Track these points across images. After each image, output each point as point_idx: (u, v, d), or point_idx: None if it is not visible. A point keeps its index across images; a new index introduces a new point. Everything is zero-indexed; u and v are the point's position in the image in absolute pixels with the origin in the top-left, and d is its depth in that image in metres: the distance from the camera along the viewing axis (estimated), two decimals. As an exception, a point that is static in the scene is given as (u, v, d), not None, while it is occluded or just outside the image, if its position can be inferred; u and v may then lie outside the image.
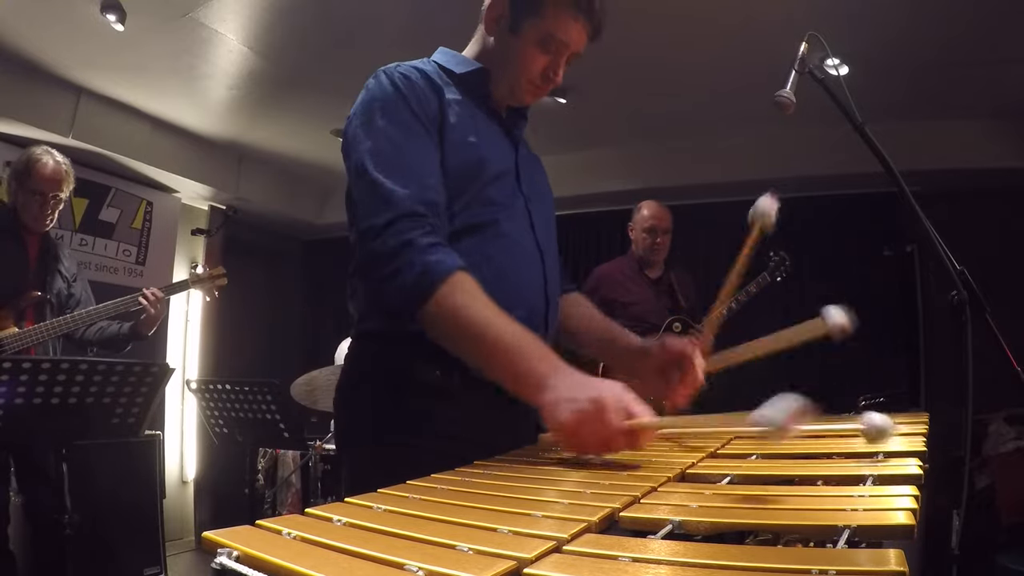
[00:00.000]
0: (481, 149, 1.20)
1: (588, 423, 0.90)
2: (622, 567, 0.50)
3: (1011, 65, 3.18)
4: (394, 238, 1.01)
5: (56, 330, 2.51)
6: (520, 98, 1.28)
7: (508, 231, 1.20)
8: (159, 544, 3.27)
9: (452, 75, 1.25)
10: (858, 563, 0.47)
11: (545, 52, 1.21)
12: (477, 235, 1.16)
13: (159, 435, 3.47)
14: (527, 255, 1.24)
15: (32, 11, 2.90)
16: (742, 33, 2.98)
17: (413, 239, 1.01)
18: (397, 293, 1.01)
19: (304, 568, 0.50)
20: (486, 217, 1.17)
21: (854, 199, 4.23)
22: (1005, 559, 2.81)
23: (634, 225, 3.27)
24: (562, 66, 1.25)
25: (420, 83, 1.17)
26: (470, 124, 1.20)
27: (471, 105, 1.23)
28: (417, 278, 0.99)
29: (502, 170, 1.23)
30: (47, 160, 2.56)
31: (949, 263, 1.37)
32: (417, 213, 1.03)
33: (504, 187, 1.23)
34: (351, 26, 3.03)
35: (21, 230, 2.59)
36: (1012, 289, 2.78)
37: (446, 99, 1.19)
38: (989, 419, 3.43)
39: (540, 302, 1.24)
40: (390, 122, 1.11)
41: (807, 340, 1.24)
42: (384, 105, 1.13)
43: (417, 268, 0.99)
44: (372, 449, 1.14)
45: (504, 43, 1.23)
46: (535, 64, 1.22)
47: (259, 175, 4.86)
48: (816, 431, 1.03)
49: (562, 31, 1.20)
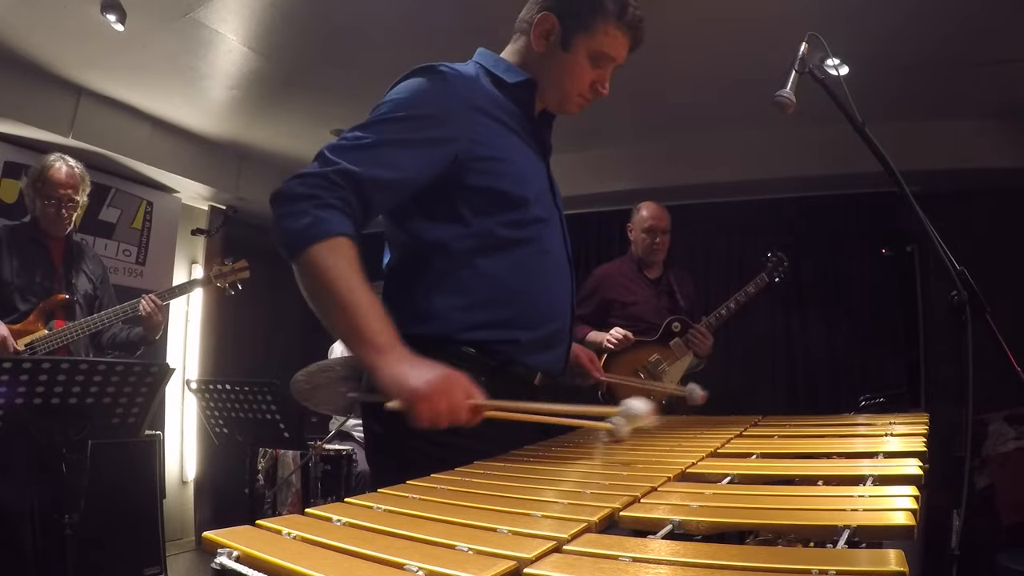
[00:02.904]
0: (523, 170, 1.27)
1: (440, 393, 0.99)
2: (622, 567, 0.50)
3: (1011, 65, 3.17)
4: (304, 187, 1.09)
5: (76, 332, 2.57)
6: (568, 109, 1.36)
7: (550, 247, 1.30)
8: (159, 544, 3.26)
9: (502, 84, 1.30)
10: (858, 563, 0.47)
11: (595, 67, 1.29)
12: (528, 249, 1.24)
13: (159, 435, 3.46)
14: (563, 269, 1.34)
15: (32, 11, 2.90)
16: (742, 33, 2.98)
17: (318, 195, 1.08)
18: (283, 232, 1.09)
19: (304, 568, 0.50)
20: (532, 233, 1.25)
21: (854, 199, 4.23)
22: (1005, 559, 2.81)
23: (633, 226, 3.27)
24: (608, 78, 1.32)
25: (457, 88, 1.21)
26: (509, 141, 1.26)
27: (512, 118, 1.28)
28: (304, 227, 1.07)
29: (541, 187, 1.31)
30: (60, 165, 2.64)
31: (949, 263, 1.37)
32: (335, 183, 1.09)
33: (545, 204, 1.31)
34: (351, 26, 3.03)
35: (43, 236, 2.67)
36: (1012, 289, 2.78)
37: (485, 112, 1.23)
38: (989, 419, 3.43)
39: (569, 312, 1.35)
40: (391, 127, 1.16)
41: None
42: (409, 112, 1.17)
43: (307, 219, 1.07)
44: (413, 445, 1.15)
45: (553, 57, 1.29)
46: (585, 78, 1.30)
47: (259, 175, 4.85)
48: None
49: (611, 47, 1.28)
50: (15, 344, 2.43)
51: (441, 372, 1.01)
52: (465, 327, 1.19)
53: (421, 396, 0.99)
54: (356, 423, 3.70)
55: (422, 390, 0.99)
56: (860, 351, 4.20)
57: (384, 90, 1.24)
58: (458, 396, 1.01)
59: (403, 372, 1.01)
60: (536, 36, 1.30)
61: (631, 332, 2.97)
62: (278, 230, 1.10)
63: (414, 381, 0.99)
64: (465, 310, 1.19)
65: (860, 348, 4.20)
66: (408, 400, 0.99)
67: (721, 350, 3.39)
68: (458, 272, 1.21)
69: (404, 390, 1.00)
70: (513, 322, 1.23)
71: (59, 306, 2.62)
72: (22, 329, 2.50)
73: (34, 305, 2.56)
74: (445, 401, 0.99)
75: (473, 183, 1.20)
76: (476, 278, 1.21)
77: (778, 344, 4.36)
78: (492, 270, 1.22)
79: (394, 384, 1.01)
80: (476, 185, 1.20)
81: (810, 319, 4.35)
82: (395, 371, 1.02)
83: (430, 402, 0.99)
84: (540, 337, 1.27)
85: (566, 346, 1.36)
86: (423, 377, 1.00)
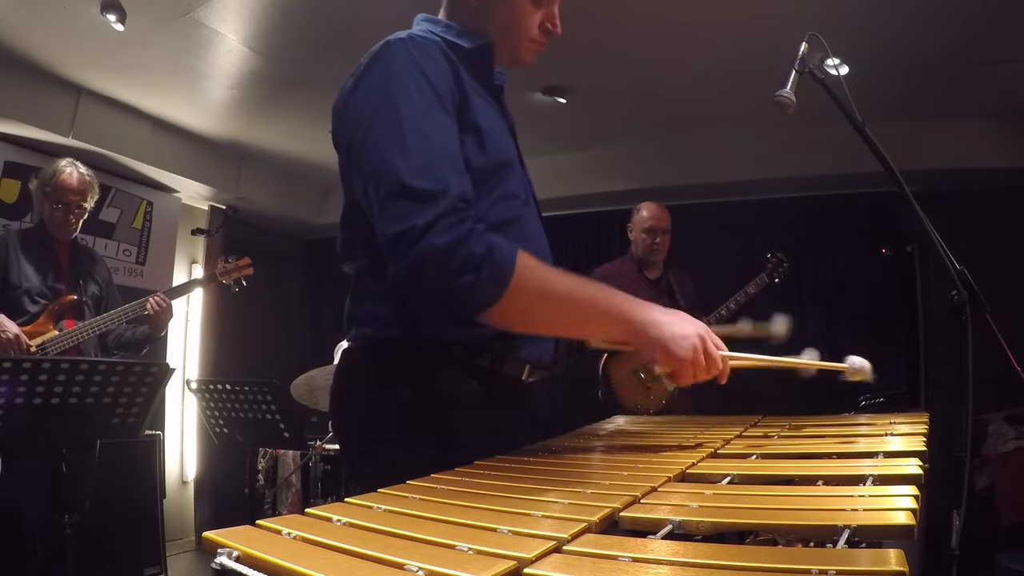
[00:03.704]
0: (500, 140, 1.14)
1: (699, 355, 1.01)
2: (622, 567, 0.50)
3: (1011, 65, 3.17)
4: (446, 235, 0.92)
5: (86, 332, 2.61)
6: (521, 58, 1.23)
7: (531, 225, 1.19)
8: (159, 544, 3.26)
9: (459, 49, 1.15)
10: (858, 563, 0.47)
11: (538, 5, 1.17)
12: (510, 230, 1.10)
13: (159, 435, 3.46)
14: (544, 247, 1.22)
15: (32, 11, 2.89)
16: (742, 33, 2.98)
17: (467, 234, 0.93)
18: (470, 290, 0.92)
19: (304, 568, 0.50)
20: (513, 212, 1.14)
21: (854, 199, 4.23)
22: (1005, 559, 2.81)
23: (633, 226, 3.27)
24: (556, 15, 1.20)
25: (439, 57, 1.08)
26: (485, 112, 1.14)
27: (479, 86, 1.17)
28: (491, 269, 0.93)
29: (514, 158, 1.20)
30: (72, 171, 2.69)
31: (949, 263, 1.37)
32: (459, 209, 0.94)
33: (518, 177, 1.19)
34: (351, 26, 3.03)
35: (50, 240, 2.72)
36: (1012, 289, 2.78)
37: (460, 81, 1.10)
38: (989, 419, 3.42)
39: None
40: (416, 110, 1.00)
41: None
42: (405, 87, 1.02)
43: (483, 259, 0.92)
44: (394, 452, 1.09)
45: (490, 6, 1.17)
46: (531, 20, 1.18)
47: (259, 175, 4.86)
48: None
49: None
50: (28, 342, 2.46)
51: (698, 333, 1.03)
52: (451, 325, 1.06)
53: (688, 365, 1.01)
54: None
55: (688, 358, 1.00)
56: (860, 351, 4.19)
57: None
58: (713, 351, 1.03)
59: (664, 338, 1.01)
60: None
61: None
62: (461, 294, 0.93)
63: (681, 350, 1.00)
64: None
65: (860, 348, 4.19)
66: (675, 366, 1.01)
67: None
68: None
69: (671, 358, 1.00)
70: None
71: (68, 307, 2.66)
72: (33, 330, 2.53)
73: (43, 307, 2.59)
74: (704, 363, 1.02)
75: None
76: None
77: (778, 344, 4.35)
78: None
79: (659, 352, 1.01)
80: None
81: (810, 319, 4.35)
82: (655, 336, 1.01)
83: (695, 367, 1.01)
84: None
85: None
86: (686, 343, 1.00)
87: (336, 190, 5.31)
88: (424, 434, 1.08)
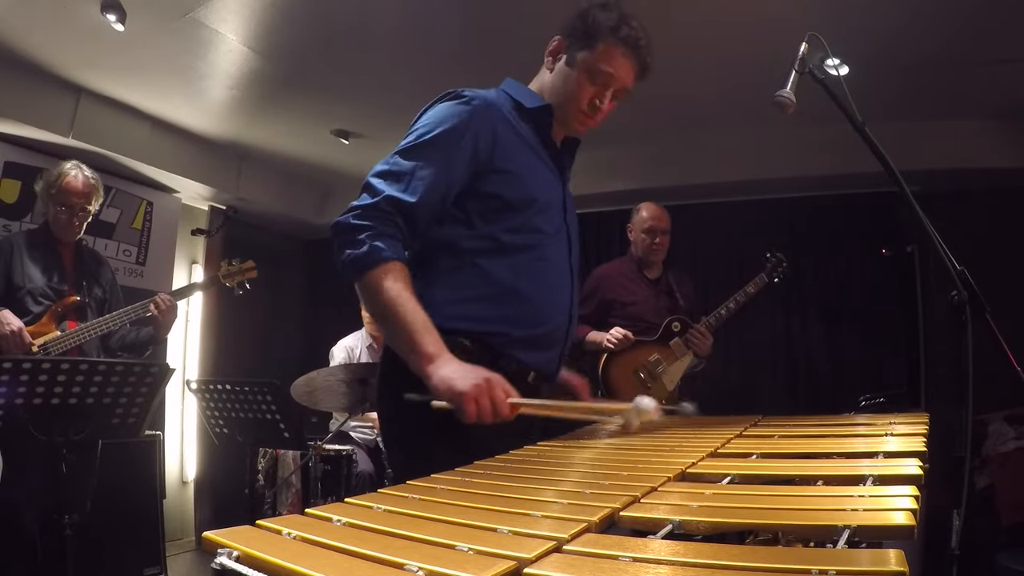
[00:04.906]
0: (531, 184, 1.37)
1: (484, 393, 1.12)
2: (622, 567, 0.50)
3: (1011, 65, 3.17)
4: (361, 220, 1.24)
5: (88, 333, 2.61)
6: (572, 127, 1.45)
7: (551, 256, 1.40)
8: (159, 544, 3.26)
9: (522, 109, 1.42)
10: (858, 563, 0.47)
11: (593, 83, 1.38)
12: (525, 254, 1.36)
13: (159, 435, 3.46)
14: (562, 278, 1.43)
15: (32, 11, 2.89)
16: (742, 33, 2.98)
17: (374, 227, 1.23)
18: (345, 260, 1.24)
19: (304, 568, 0.50)
20: (533, 241, 1.36)
21: (854, 199, 4.23)
22: (1005, 559, 2.81)
23: (633, 226, 3.27)
24: (608, 97, 1.40)
25: (480, 112, 1.33)
26: (525, 158, 1.38)
27: (534, 139, 1.41)
28: (363, 256, 1.22)
29: (549, 202, 1.41)
30: (77, 174, 2.70)
31: (949, 263, 1.37)
32: (386, 211, 1.25)
33: (552, 218, 1.41)
34: (351, 26, 3.03)
35: (54, 241, 2.73)
36: (1012, 289, 2.78)
37: (508, 133, 1.35)
38: (989, 419, 3.42)
39: (565, 319, 1.44)
40: (422, 152, 1.29)
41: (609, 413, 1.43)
42: (436, 134, 1.29)
43: (365, 247, 1.22)
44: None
45: (560, 76, 1.41)
46: (584, 94, 1.39)
47: (259, 175, 4.86)
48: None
49: (608, 63, 1.37)
50: (30, 339, 2.46)
51: (483, 374, 1.15)
52: (453, 317, 1.29)
53: (468, 396, 1.11)
54: (356, 423, 3.70)
55: (469, 391, 1.11)
56: (860, 351, 4.20)
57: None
58: (498, 394, 1.13)
59: (450, 375, 1.14)
60: (548, 58, 1.44)
61: (631, 332, 2.97)
62: (341, 257, 1.24)
63: (460, 384, 1.12)
64: (458, 303, 1.31)
65: (860, 348, 4.20)
66: (455, 400, 1.12)
67: (721, 350, 3.39)
68: (458, 271, 1.33)
69: (453, 391, 1.13)
70: (507, 319, 1.33)
71: (71, 308, 2.66)
72: (36, 331, 2.53)
73: (46, 307, 2.59)
74: (487, 399, 1.12)
75: (485, 190, 1.33)
76: (474, 276, 1.33)
77: (778, 344, 4.36)
78: (490, 270, 1.33)
79: (443, 386, 1.14)
80: (487, 192, 1.33)
81: (810, 319, 4.35)
82: (443, 374, 1.15)
83: (476, 401, 1.11)
84: (532, 336, 1.36)
85: (560, 349, 1.44)
86: (468, 379, 1.13)
87: (335, 190, 5.32)
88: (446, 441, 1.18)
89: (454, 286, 1.33)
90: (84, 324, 2.62)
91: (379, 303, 1.22)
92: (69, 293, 2.68)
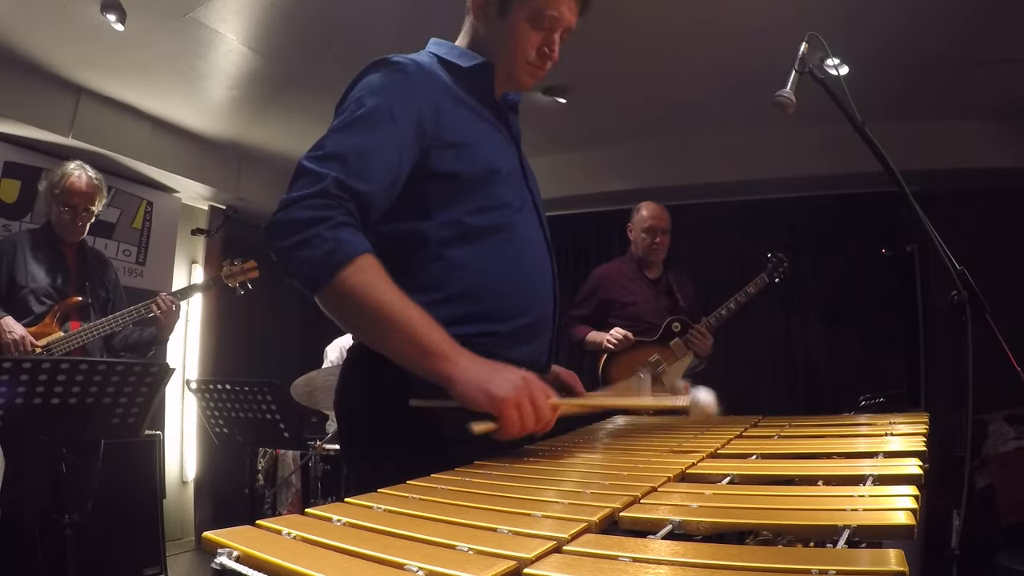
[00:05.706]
0: (489, 151, 1.20)
1: (525, 396, 0.95)
2: (622, 567, 0.50)
3: (1011, 65, 3.17)
4: (309, 211, 1.01)
5: (91, 334, 2.61)
6: (519, 82, 1.27)
7: (525, 233, 1.22)
8: (159, 544, 3.26)
9: (457, 69, 1.23)
10: (858, 563, 0.47)
11: (537, 29, 1.21)
12: (499, 237, 1.17)
13: (159, 435, 3.47)
14: (541, 255, 1.26)
15: (32, 11, 2.89)
16: (742, 33, 2.98)
17: (327, 215, 1.00)
18: (301, 264, 1.01)
19: (304, 568, 0.50)
20: (502, 219, 1.18)
21: (854, 199, 4.23)
22: (1005, 559, 2.81)
23: (633, 226, 3.27)
24: (557, 42, 1.23)
25: (417, 80, 1.15)
26: (476, 126, 1.20)
27: (475, 103, 1.22)
28: (327, 254, 0.99)
29: (510, 169, 1.24)
30: (80, 174, 2.70)
31: (949, 263, 1.37)
32: (337, 196, 1.02)
33: (514, 186, 1.24)
34: (351, 26, 3.03)
35: (58, 241, 2.73)
36: (1012, 289, 2.78)
37: (448, 99, 1.17)
38: (989, 419, 3.43)
39: (550, 300, 1.27)
40: (363, 127, 1.09)
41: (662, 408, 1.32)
42: (375, 108, 1.10)
43: (328, 244, 0.99)
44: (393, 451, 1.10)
45: (495, 28, 1.23)
46: (529, 43, 1.21)
47: (259, 175, 4.85)
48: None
49: (551, 5, 1.19)
50: (34, 342, 2.46)
51: (520, 374, 0.98)
52: (444, 322, 1.06)
53: (509, 403, 0.94)
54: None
55: (510, 397, 0.94)
56: (860, 351, 4.20)
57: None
58: (539, 396, 0.97)
59: (484, 379, 0.96)
60: (475, 10, 1.25)
61: (631, 332, 2.97)
62: (293, 263, 1.01)
63: (499, 388, 0.95)
64: (429, 307, 1.05)
65: (860, 348, 4.20)
66: (496, 408, 0.94)
67: (721, 350, 3.39)
68: (423, 269, 1.14)
69: (492, 397, 0.95)
70: (489, 314, 1.16)
71: (74, 308, 2.67)
72: (38, 331, 2.53)
73: (49, 308, 2.60)
74: (528, 403, 0.95)
75: (438, 169, 1.14)
76: (442, 273, 1.14)
77: (778, 344, 4.36)
78: (463, 261, 1.15)
79: (478, 393, 0.95)
80: (441, 171, 1.14)
81: (810, 319, 4.35)
82: (473, 378, 0.96)
83: (520, 411, 0.95)
84: (518, 328, 1.19)
85: (549, 336, 1.28)
86: (507, 381, 0.96)
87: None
88: (421, 433, 1.08)
89: (421, 288, 1.10)
90: (87, 324, 2.62)
91: (361, 308, 1.00)
92: (72, 294, 2.68)
